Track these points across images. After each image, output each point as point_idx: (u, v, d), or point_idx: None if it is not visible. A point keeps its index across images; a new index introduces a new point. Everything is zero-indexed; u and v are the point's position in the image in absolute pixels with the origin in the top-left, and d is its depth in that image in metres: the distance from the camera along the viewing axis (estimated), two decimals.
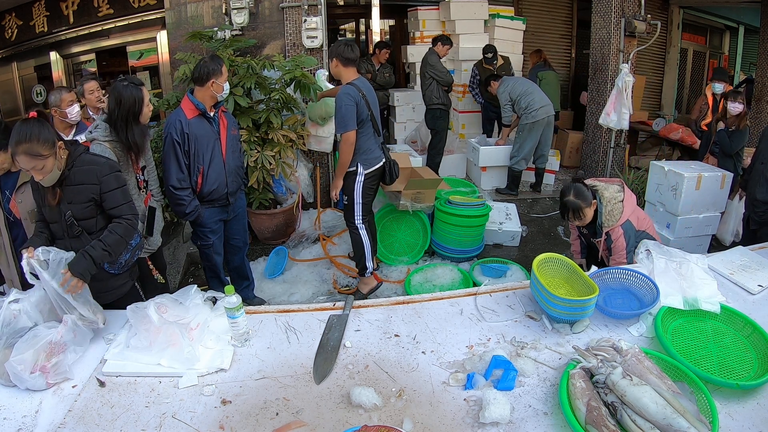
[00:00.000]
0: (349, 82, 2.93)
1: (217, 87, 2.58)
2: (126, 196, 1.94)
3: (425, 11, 6.25)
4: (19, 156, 1.68)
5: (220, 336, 1.64)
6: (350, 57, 2.91)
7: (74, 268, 1.68)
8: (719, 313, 1.66)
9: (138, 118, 2.27)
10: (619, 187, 2.46)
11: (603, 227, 2.41)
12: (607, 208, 2.40)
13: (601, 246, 2.51)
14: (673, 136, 5.58)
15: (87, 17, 5.43)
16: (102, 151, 2.20)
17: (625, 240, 2.38)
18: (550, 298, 1.61)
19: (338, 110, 2.88)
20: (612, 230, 2.40)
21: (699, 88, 8.09)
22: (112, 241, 1.84)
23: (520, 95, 4.88)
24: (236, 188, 2.83)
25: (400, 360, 1.55)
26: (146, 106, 2.30)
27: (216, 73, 2.56)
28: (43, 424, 1.34)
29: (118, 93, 2.23)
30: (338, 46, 2.90)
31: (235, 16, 4.22)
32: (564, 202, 2.44)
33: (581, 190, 2.41)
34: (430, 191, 3.55)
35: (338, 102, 2.88)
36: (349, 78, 2.95)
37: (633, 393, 1.23)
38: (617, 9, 4.89)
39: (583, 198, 2.39)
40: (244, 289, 3.17)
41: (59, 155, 1.75)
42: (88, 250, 1.76)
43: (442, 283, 3.34)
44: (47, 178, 1.76)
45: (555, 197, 5.29)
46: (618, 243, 2.39)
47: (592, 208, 2.42)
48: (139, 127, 2.29)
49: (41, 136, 1.67)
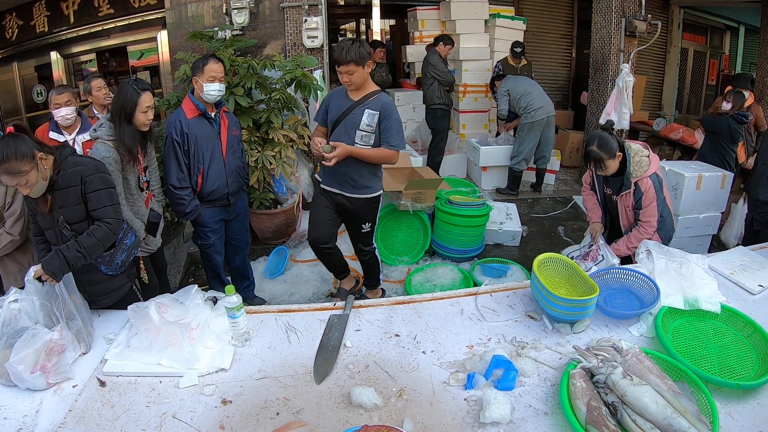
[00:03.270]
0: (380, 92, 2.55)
1: (199, 86, 2.53)
2: (112, 199, 1.88)
3: (425, 11, 6.25)
4: (1, 176, 1.65)
5: (220, 336, 1.64)
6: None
7: (46, 266, 1.66)
8: (720, 313, 1.66)
9: (130, 120, 2.23)
10: (642, 146, 2.45)
11: (631, 177, 2.38)
12: (635, 159, 2.37)
13: (627, 201, 2.46)
14: (673, 136, 5.58)
15: (87, 17, 5.43)
16: (106, 150, 2.19)
17: (654, 191, 2.35)
18: (550, 298, 1.61)
19: (398, 122, 2.52)
20: (641, 180, 2.37)
21: (699, 88, 8.10)
22: (88, 244, 1.78)
23: (520, 94, 4.89)
24: (237, 188, 2.82)
25: (401, 360, 1.55)
26: (141, 111, 2.23)
27: (197, 71, 2.51)
28: (43, 423, 1.34)
29: (118, 90, 2.25)
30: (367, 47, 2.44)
31: (236, 15, 4.22)
32: (587, 151, 2.40)
33: (606, 140, 2.34)
34: (430, 191, 3.55)
35: (396, 114, 2.53)
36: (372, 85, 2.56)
37: (633, 393, 1.23)
38: (618, 9, 4.88)
39: (606, 149, 2.33)
40: (244, 289, 3.17)
41: (41, 166, 1.70)
42: (63, 250, 1.72)
43: (442, 283, 3.34)
44: (34, 190, 1.74)
45: (555, 197, 5.29)
46: (648, 193, 2.36)
47: (616, 160, 2.37)
48: (131, 129, 2.24)
49: (18, 152, 1.63)
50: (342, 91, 2.57)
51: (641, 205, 2.41)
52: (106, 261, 1.92)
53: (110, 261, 1.94)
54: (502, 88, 5.02)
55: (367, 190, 2.66)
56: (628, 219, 2.55)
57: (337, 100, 2.57)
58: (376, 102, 2.50)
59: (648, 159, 2.39)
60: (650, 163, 2.38)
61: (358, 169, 2.57)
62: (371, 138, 2.51)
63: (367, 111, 2.48)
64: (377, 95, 2.52)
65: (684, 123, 6.21)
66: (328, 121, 2.60)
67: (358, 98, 2.51)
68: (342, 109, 2.53)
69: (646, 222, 2.42)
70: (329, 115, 2.60)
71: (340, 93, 2.58)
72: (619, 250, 2.55)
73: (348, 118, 2.51)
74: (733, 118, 3.89)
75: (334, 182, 2.65)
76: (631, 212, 2.51)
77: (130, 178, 2.33)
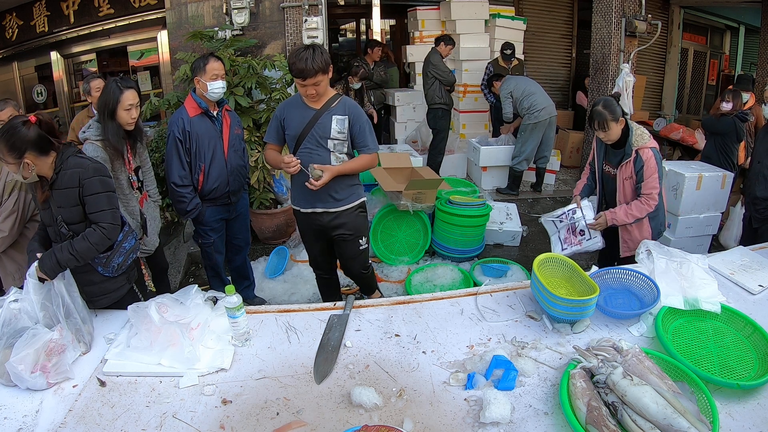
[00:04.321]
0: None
1: (202, 85, 2.54)
2: (110, 203, 1.85)
3: (425, 11, 6.25)
4: None
5: (220, 336, 1.64)
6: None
7: (41, 265, 1.68)
8: (720, 313, 1.66)
9: (113, 116, 2.24)
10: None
11: (633, 146, 2.44)
12: (637, 132, 2.46)
13: (625, 173, 2.50)
14: (673, 136, 5.58)
15: (88, 17, 5.44)
16: (94, 150, 2.20)
17: (655, 162, 2.41)
18: (550, 298, 1.61)
19: (368, 123, 2.42)
20: (642, 149, 2.42)
21: (699, 88, 8.09)
22: (81, 248, 1.76)
23: (523, 95, 4.88)
24: (238, 187, 2.82)
25: (401, 360, 1.55)
26: (123, 108, 2.23)
27: (198, 70, 2.52)
28: (43, 423, 1.34)
29: (103, 88, 2.27)
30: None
31: (236, 15, 4.23)
32: (592, 111, 2.45)
33: (611, 103, 2.43)
34: (430, 191, 3.55)
35: (364, 115, 2.42)
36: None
37: (633, 393, 1.23)
38: (618, 9, 4.89)
39: (611, 110, 2.40)
40: (244, 288, 3.17)
41: (25, 168, 1.70)
42: (56, 251, 1.72)
43: (442, 283, 3.34)
44: (14, 176, 1.76)
45: (555, 197, 5.29)
46: (649, 164, 2.41)
47: (619, 125, 2.43)
48: (114, 125, 2.24)
49: (9, 141, 1.65)
50: (296, 102, 2.36)
51: (642, 176, 2.44)
52: (103, 263, 1.92)
53: (107, 263, 1.93)
54: (504, 90, 4.99)
55: (352, 198, 2.48)
56: (625, 194, 2.56)
57: (295, 112, 2.35)
58: (340, 106, 2.33)
59: (648, 136, 2.47)
60: (651, 139, 2.46)
61: (338, 182, 2.38)
62: (344, 145, 2.36)
63: (335, 117, 2.31)
64: (338, 99, 2.34)
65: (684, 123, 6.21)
66: (289, 137, 2.38)
67: (320, 105, 2.32)
68: (305, 121, 2.32)
69: (648, 194, 2.44)
70: (288, 130, 2.37)
71: (295, 104, 2.37)
72: (616, 215, 2.52)
73: (315, 129, 2.31)
74: (737, 117, 3.89)
75: (316, 203, 2.42)
76: (629, 185, 2.52)
77: (120, 178, 2.34)
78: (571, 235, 2.79)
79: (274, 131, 2.44)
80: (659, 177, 2.44)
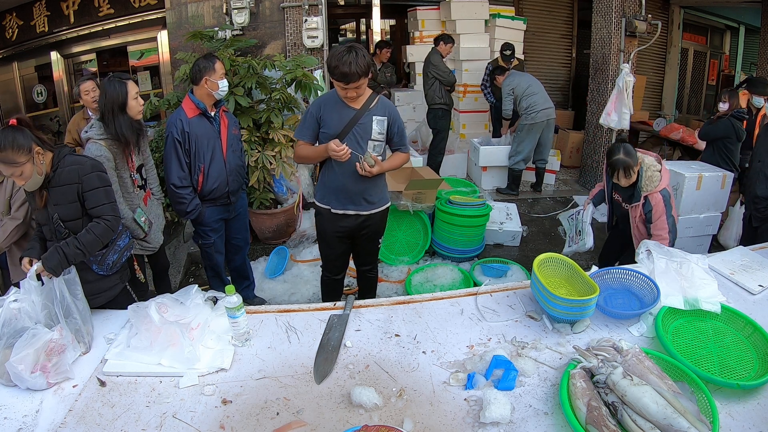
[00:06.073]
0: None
1: (211, 84, 2.56)
2: (109, 197, 1.91)
3: (425, 11, 6.26)
4: None
5: (220, 336, 1.64)
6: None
7: (46, 262, 1.68)
8: (720, 313, 1.66)
9: (124, 109, 2.29)
10: (655, 159, 2.51)
11: (642, 191, 2.46)
12: (647, 174, 2.45)
13: (635, 212, 2.55)
14: (673, 136, 5.57)
15: (88, 17, 5.43)
16: (97, 149, 2.22)
17: (664, 205, 2.43)
18: (550, 298, 1.61)
19: (403, 125, 2.44)
20: (651, 195, 2.45)
21: (700, 88, 8.09)
22: (87, 241, 1.80)
23: (524, 94, 4.88)
24: (237, 187, 2.83)
25: (401, 360, 1.55)
26: (132, 98, 2.31)
27: (208, 70, 2.54)
28: (43, 423, 1.34)
29: (104, 88, 2.29)
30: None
31: (236, 15, 4.23)
32: (614, 161, 2.46)
33: (630, 149, 2.45)
34: (430, 191, 3.55)
35: (400, 117, 2.42)
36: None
37: (633, 393, 1.23)
38: (618, 9, 4.88)
39: (632, 156, 2.43)
40: (244, 288, 3.17)
41: (38, 160, 1.73)
42: (62, 246, 1.74)
43: (442, 283, 3.34)
44: (29, 184, 1.76)
45: (555, 197, 5.30)
46: (658, 208, 2.43)
47: (638, 168, 2.46)
48: (126, 119, 2.29)
49: (15, 143, 1.66)
50: (334, 100, 2.29)
51: (651, 219, 2.47)
52: (98, 260, 1.93)
53: (102, 261, 1.94)
54: (507, 86, 4.98)
55: (383, 201, 2.47)
56: (639, 230, 2.61)
57: (333, 111, 2.28)
58: (380, 107, 2.30)
59: (659, 174, 2.46)
60: (661, 178, 2.45)
61: (374, 184, 2.38)
62: (382, 146, 2.34)
63: (375, 118, 2.27)
64: (377, 99, 2.31)
65: (684, 123, 6.20)
66: (327, 136, 2.28)
67: (360, 105, 2.27)
68: (345, 120, 2.26)
69: (658, 236, 2.46)
70: (326, 129, 2.29)
71: (333, 102, 2.29)
72: None
73: (356, 129, 2.26)
74: (734, 116, 3.87)
75: (348, 204, 2.37)
76: (641, 224, 2.57)
77: (124, 176, 2.36)
78: (576, 235, 2.94)
79: (309, 128, 2.33)
80: (674, 206, 2.47)
